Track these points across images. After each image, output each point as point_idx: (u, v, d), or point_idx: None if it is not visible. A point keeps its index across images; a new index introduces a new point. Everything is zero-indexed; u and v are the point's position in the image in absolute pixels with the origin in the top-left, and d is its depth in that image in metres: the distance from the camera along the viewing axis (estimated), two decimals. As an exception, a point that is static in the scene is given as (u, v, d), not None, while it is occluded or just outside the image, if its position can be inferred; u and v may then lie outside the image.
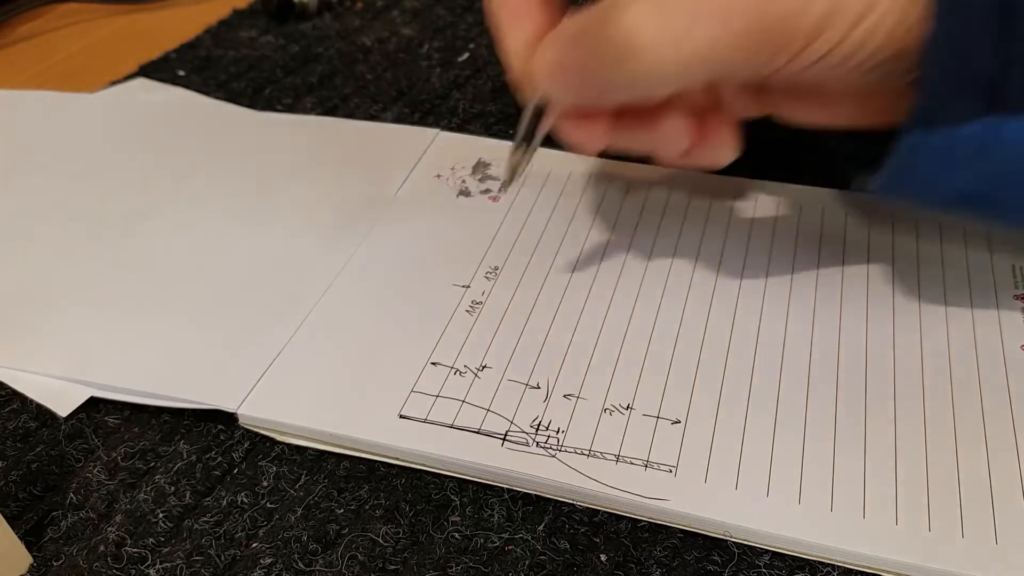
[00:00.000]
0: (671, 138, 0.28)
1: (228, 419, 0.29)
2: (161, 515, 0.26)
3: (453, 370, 0.30)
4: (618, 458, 0.27)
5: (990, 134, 0.24)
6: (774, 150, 0.36)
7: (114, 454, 0.28)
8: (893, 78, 0.25)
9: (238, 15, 0.54)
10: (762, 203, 0.36)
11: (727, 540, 0.25)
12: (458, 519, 0.26)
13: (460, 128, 0.43)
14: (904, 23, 0.23)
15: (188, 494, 0.27)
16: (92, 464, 0.28)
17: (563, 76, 0.27)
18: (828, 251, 0.34)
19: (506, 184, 0.31)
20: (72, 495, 0.27)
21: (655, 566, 0.25)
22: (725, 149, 0.29)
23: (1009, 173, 0.25)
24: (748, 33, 0.24)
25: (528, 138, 0.29)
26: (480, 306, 0.32)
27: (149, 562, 0.25)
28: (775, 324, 0.31)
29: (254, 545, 0.26)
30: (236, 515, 0.26)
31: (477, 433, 0.28)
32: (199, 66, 0.49)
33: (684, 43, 0.24)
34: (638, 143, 0.29)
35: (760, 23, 0.23)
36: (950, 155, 0.24)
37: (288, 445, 0.28)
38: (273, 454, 0.28)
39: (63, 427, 0.29)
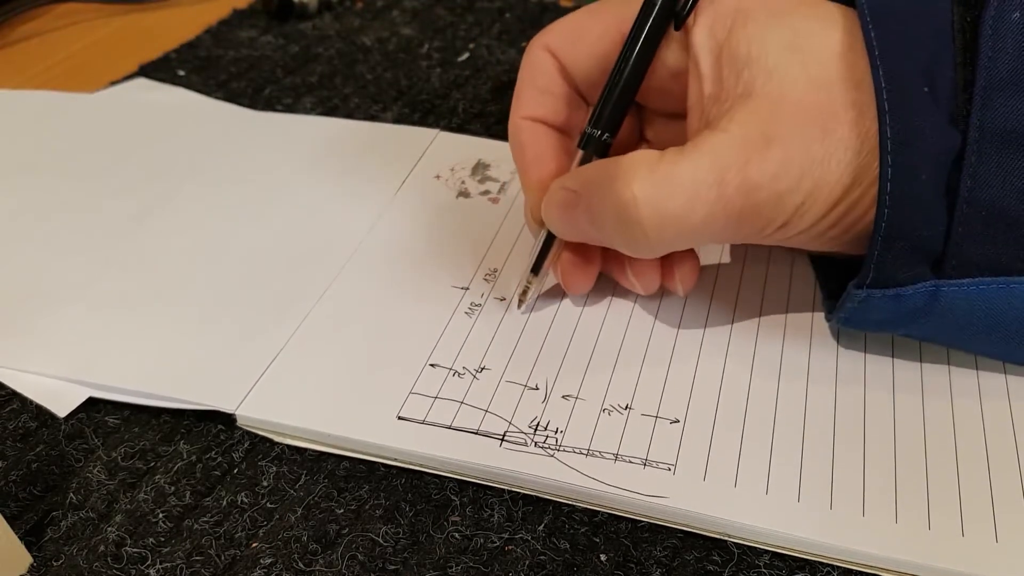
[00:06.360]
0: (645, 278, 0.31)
1: (228, 419, 0.29)
2: (161, 515, 0.27)
3: (452, 371, 0.30)
4: (616, 457, 0.27)
5: (932, 294, 0.26)
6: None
7: (114, 454, 0.28)
8: (853, 244, 0.27)
9: (238, 15, 0.54)
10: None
11: (727, 540, 0.25)
12: (458, 519, 0.26)
13: (460, 128, 0.43)
14: (862, 205, 0.25)
15: (188, 494, 0.27)
16: (92, 464, 0.28)
17: (567, 218, 0.29)
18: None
19: (521, 305, 0.32)
20: (72, 495, 0.27)
21: (655, 566, 0.25)
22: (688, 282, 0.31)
23: (953, 329, 0.27)
24: (739, 215, 0.26)
25: (537, 267, 0.31)
26: (479, 308, 0.32)
27: (149, 562, 0.25)
28: (774, 321, 0.31)
29: (254, 545, 0.26)
30: (236, 515, 0.27)
31: (475, 434, 0.28)
32: (199, 66, 0.49)
33: (682, 220, 0.26)
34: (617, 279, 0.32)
35: (748, 207, 0.25)
36: (897, 309, 0.26)
37: (288, 445, 0.28)
38: (273, 454, 0.28)
39: (63, 427, 0.29)
